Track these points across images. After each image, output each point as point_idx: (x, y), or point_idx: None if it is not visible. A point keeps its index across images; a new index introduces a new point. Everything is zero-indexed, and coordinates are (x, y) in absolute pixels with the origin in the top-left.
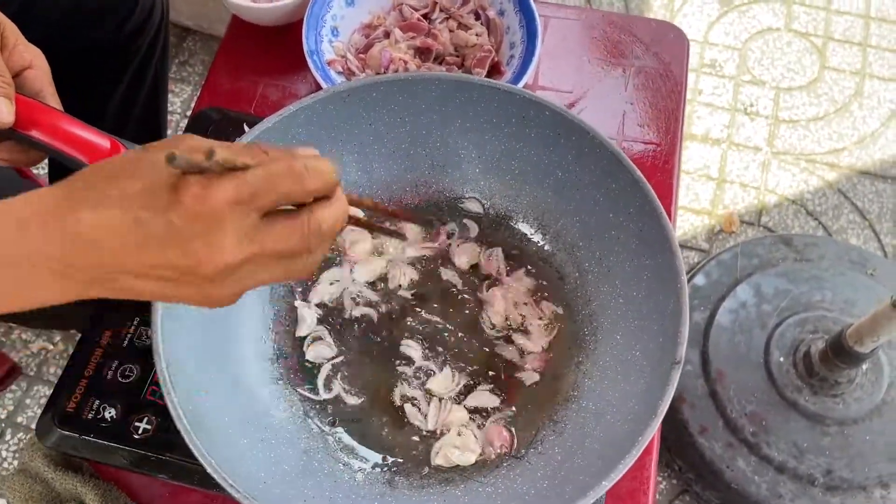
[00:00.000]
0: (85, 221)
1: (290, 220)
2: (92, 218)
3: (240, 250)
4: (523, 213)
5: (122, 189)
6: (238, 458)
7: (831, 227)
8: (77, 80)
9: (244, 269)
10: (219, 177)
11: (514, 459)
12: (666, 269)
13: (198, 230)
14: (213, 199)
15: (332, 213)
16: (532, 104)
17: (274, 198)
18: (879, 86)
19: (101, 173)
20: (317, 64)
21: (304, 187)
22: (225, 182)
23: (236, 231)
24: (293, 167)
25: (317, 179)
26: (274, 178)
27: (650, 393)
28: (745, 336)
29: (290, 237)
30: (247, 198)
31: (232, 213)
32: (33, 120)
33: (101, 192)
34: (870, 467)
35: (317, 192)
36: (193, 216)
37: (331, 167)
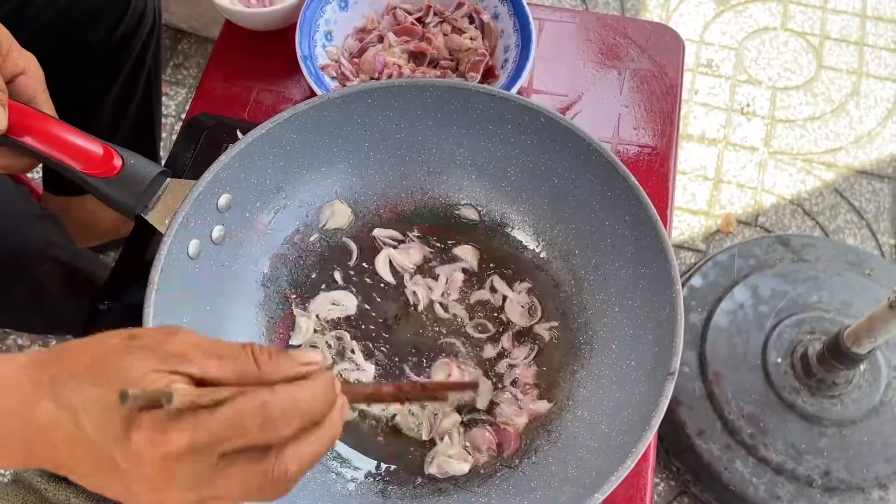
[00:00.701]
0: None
1: (250, 465)
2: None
3: (184, 498)
4: (519, 220)
5: (83, 395)
6: None
7: (828, 227)
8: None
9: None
10: (178, 420)
11: (507, 469)
12: (661, 277)
13: (141, 477)
14: (164, 450)
15: (310, 451)
16: (527, 110)
17: (238, 444)
18: (876, 85)
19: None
20: (310, 69)
21: (275, 436)
22: (181, 428)
23: (185, 482)
24: (268, 410)
25: (294, 424)
26: (242, 421)
27: (644, 403)
28: (743, 337)
29: (246, 483)
30: (204, 444)
31: (183, 462)
32: (26, 126)
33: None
34: (867, 468)
35: (295, 433)
36: (139, 462)
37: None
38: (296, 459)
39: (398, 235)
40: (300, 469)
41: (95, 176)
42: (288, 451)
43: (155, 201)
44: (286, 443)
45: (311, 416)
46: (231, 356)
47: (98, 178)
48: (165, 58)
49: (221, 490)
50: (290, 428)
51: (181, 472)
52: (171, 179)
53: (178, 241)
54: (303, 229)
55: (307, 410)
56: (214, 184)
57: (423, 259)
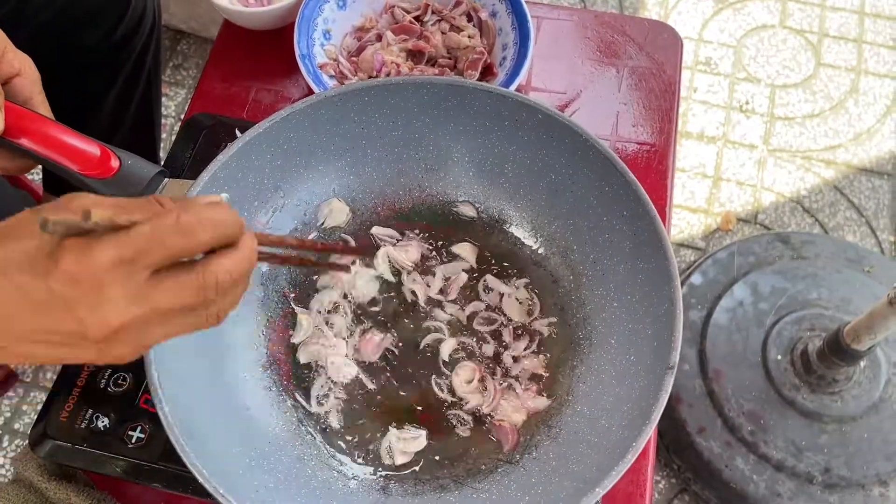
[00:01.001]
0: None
1: (182, 275)
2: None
3: (127, 311)
4: (517, 216)
5: (5, 253)
6: (230, 467)
7: (828, 224)
8: (69, 84)
9: (138, 328)
10: (99, 238)
11: (508, 465)
12: (659, 272)
13: (79, 295)
14: (92, 263)
15: (232, 262)
16: (524, 107)
17: (162, 254)
18: (875, 82)
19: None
20: (308, 68)
21: (194, 241)
22: (104, 243)
23: (122, 292)
24: (182, 221)
25: (209, 231)
26: (160, 234)
27: (644, 398)
28: (743, 335)
29: (182, 292)
30: (130, 257)
31: (114, 274)
32: (23, 128)
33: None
34: (868, 465)
35: (211, 243)
36: (73, 281)
37: (229, 215)
38: (222, 268)
39: (396, 234)
40: (228, 280)
41: (93, 177)
42: (212, 260)
43: None
44: (209, 256)
45: (223, 230)
46: (136, 203)
47: (96, 179)
48: (165, 58)
49: (161, 299)
50: (206, 235)
51: (116, 284)
52: (169, 179)
53: None
54: (301, 228)
55: (217, 222)
56: (212, 183)
57: (422, 257)
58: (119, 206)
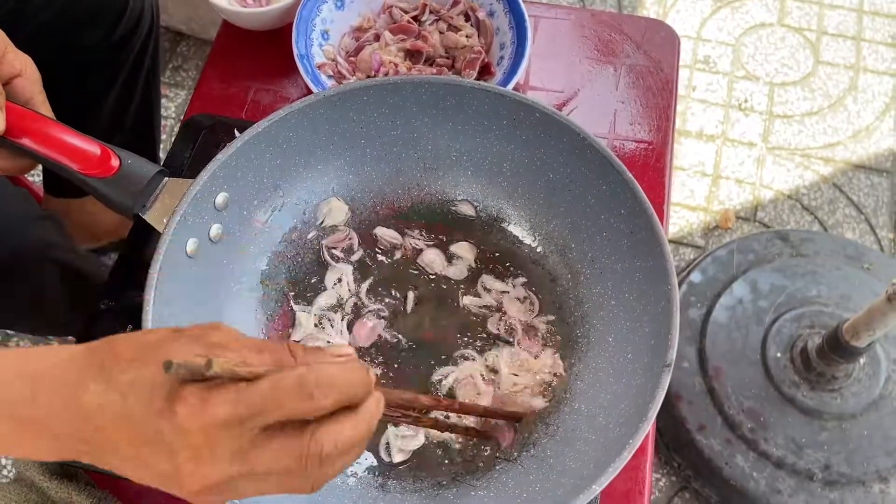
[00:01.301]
0: (90, 398)
1: (290, 440)
2: (96, 396)
3: (227, 470)
4: (516, 215)
5: (132, 375)
6: None
7: (827, 222)
8: (69, 85)
9: (231, 484)
10: (218, 389)
11: (506, 462)
12: (656, 270)
13: (184, 446)
14: (206, 417)
15: (344, 433)
16: (522, 106)
17: (276, 417)
18: (874, 79)
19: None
20: (307, 68)
21: (313, 407)
22: (222, 398)
23: (227, 451)
24: (304, 382)
25: (332, 397)
26: (279, 394)
27: (641, 395)
28: (742, 332)
29: (284, 458)
30: (244, 417)
31: (225, 433)
32: (24, 128)
33: (112, 373)
34: (868, 462)
35: (331, 409)
36: (183, 432)
37: (357, 376)
38: (331, 437)
39: (398, 236)
40: (334, 452)
41: (93, 176)
42: (323, 428)
43: (153, 201)
44: (322, 421)
45: (347, 393)
46: (268, 347)
47: (96, 178)
48: (164, 60)
49: (260, 462)
50: (327, 400)
51: (223, 442)
52: (169, 179)
53: (176, 239)
54: (300, 227)
55: (342, 386)
56: (212, 182)
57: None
58: (249, 348)
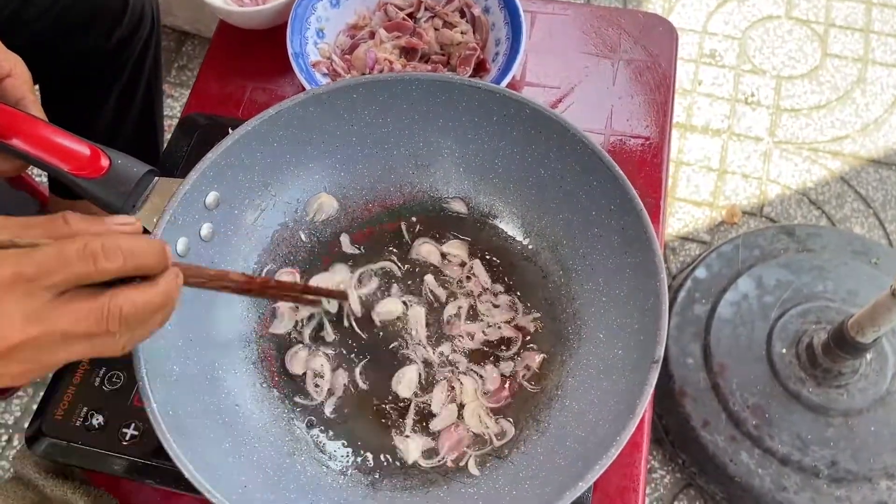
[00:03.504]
0: None
1: (85, 301)
2: None
3: (23, 330)
4: (507, 211)
5: None
6: (218, 462)
7: (835, 216)
8: (69, 88)
9: (36, 347)
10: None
11: (497, 460)
12: (646, 266)
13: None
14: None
15: (142, 297)
16: (512, 102)
17: (64, 276)
18: (882, 72)
19: None
20: (301, 66)
21: (98, 268)
22: (4, 260)
23: (19, 309)
24: (88, 247)
25: (116, 260)
26: (64, 257)
27: (630, 392)
28: (747, 328)
29: (83, 319)
30: (31, 275)
31: (12, 291)
32: (14, 128)
33: None
34: (875, 458)
35: (119, 273)
36: None
37: (144, 245)
38: (128, 300)
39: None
40: (134, 313)
41: (83, 176)
42: (119, 293)
43: (143, 200)
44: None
45: (136, 260)
46: (41, 220)
47: (86, 178)
48: (169, 60)
49: (60, 322)
50: (112, 264)
51: (11, 302)
52: (159, 178)
53: (165, 238)
54: (292, 225)
55: (128, 251)
56: (202, 181)
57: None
58: (22, 225)
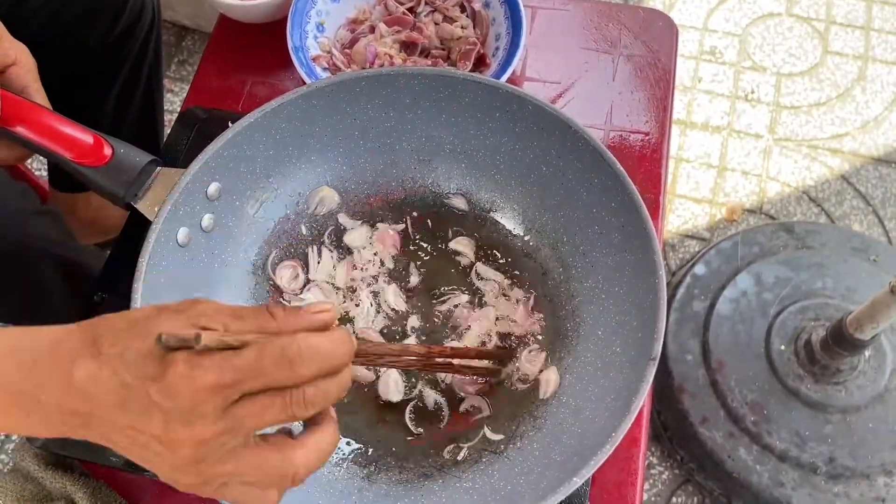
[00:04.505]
0: (82, 372)
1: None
2: (88, 370)
3: (215, 430)
4: (509, 207)
5: (122, 347)
6: None
7: (834, 214)
8: (70, 83)
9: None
10: (206, 355)
11: (493, 455)
12: (645, 263)
13: (176, 407)
14: (195, 381)
15: (325, 387)
16: (515, 98)
17: (260, 383)
18: (883, 69)
19: (112, 326)
20: (301, 60)
21: (294, 375)
22: (211, 363)
23: (215, 411)
24: (287, 352)
25: (312, 366)
26: (263, 364)
27: (627, 389)
28: (746, 325)
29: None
30: (230, 383)
31: (213, 395)
32: (18, 116)
33: (103, 346)
34: (873, 455)
35: (312, 378)
36: (174, 393)
37: (339, 346)
38: (311, 391)
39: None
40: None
41: (86, 165)
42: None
43: (145, 190)
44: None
45: (328, 364)
46: (250, 313)
47: (88, 166)
48: (170, 55)
49: (248, 419)
50: (309, 370)
51: (211, 405)
52: (162, 168)
53: (167, 229)
54: (293, 217)
55: (325, 355)
56: (204, 172)
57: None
58: (232, 315)
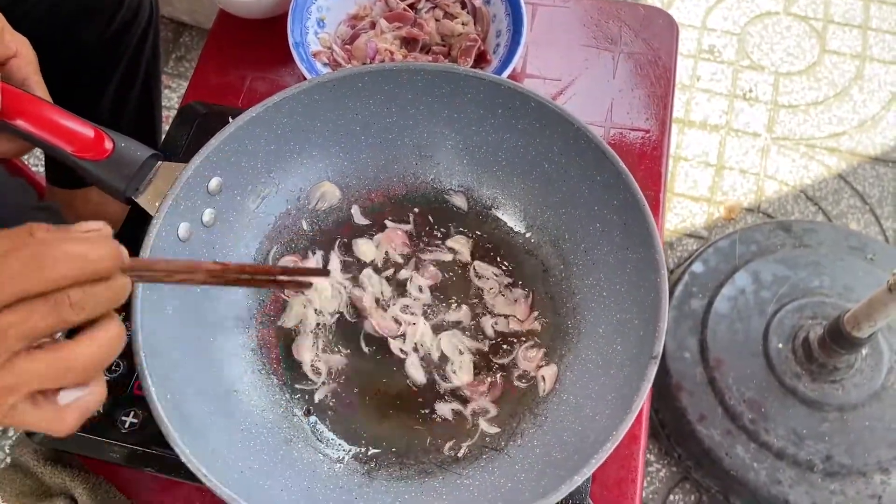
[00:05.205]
0: None
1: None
2: None
3: None
4: (510, 204)
5: None
6: (217, 448)
7: (831, 213)
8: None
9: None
10: None
11: (493, 452)
12: (647, 262)
13: None
14: None
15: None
16: (517, 95)
17: (13, 291)
18: (880, 69)
19: None
20: (302, 56)
21: (46, 277)
22: None
23: None
24: (35, 256)
25: (65, 266)
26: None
27: (628, 387)
28: (744, 323)
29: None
30: None
31: None
32: (19, 109)
33: None
34: (869, 453)
35: (67, 280)
36: None
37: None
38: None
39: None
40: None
41: (87, 158)
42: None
43: (146, 184)
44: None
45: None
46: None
47: (89, 160)
48: (167, 51)
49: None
50: (63, 272)
51: None
52: (163, 163)
53: (167, 223)
54: (294, 212)
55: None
56: (205, 167)
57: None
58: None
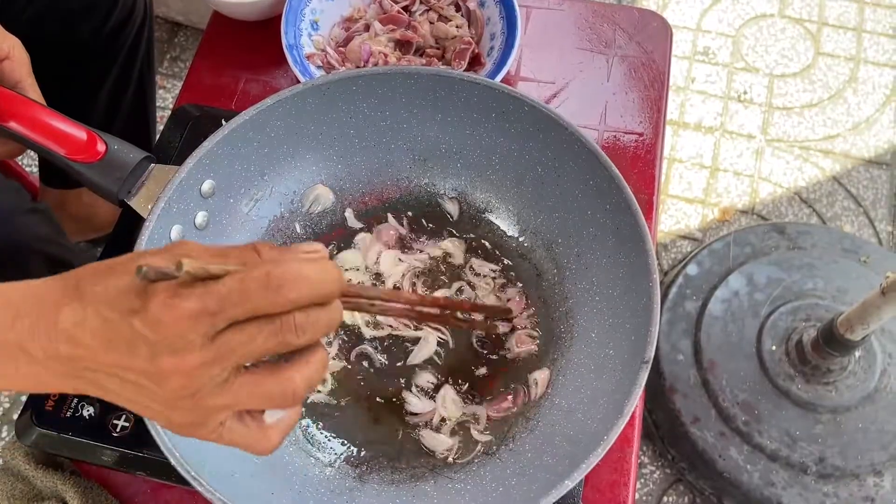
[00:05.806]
0: (67, 316)
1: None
2: (73, 313)
3: (203, 357)
4: (503, 208)
5: (103, 287)
6: (207, 452)
7: (825, 215)
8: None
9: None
10: (187, 286)
11: (485, 456)
12: (639, 266)
13: (161, 337)
14: (177, 310)
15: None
16: (511, 99)
17: (245, 310)
18: (874, 71)
19: (93, 270)
20: (296, 58)
21: (279, 299)
22: (191, 292)
23: (201, 338)
24: (271, 277)
25: (299, 290)
26: (246, 287)
27: (620, 391)
28: (738, 325)
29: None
30: (213, 310)
31: (197, 323)
32: (11, 111)
33: (86, 290)
34: (862, 455)
35: (299, 302)
36: (157, 323)
37: (325, 273)
38: (301, 317)
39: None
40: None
41: (79, 161)
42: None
43: (138, 187)
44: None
45: (316, 290)
46: (234, 251)
47: (82, 163)
48: (162, 51)
49: (238, 347)
50: (295, 294)
51: (196, 332)
52: (156, 165)
53: (160, 226)
54: (287, 215)
55: (311, 281)
56: (198, 169)
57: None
58: (216, 254)
